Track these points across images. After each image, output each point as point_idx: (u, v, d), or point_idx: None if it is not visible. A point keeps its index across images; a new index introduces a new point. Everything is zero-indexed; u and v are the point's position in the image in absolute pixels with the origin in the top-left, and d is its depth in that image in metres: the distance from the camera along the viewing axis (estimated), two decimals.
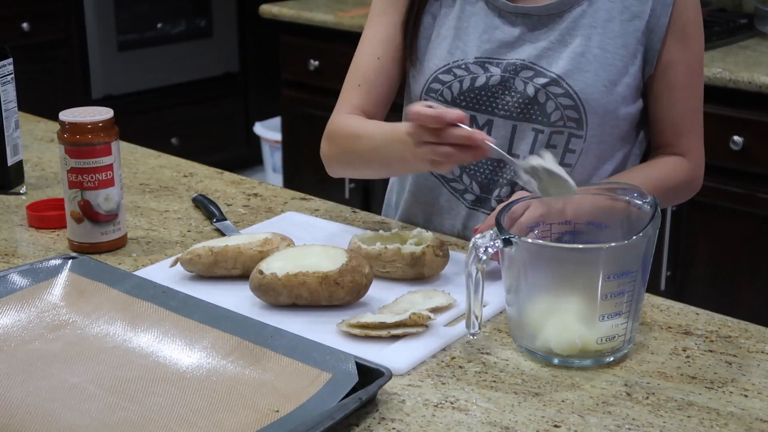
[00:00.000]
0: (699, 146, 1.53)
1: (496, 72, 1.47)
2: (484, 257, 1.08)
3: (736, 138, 2.46)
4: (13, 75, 1.71)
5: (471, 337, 1.14)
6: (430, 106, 1.24)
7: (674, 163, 1.51)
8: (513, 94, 1.46)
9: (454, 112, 1.21)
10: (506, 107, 1.47)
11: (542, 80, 1.44)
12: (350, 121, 1.52)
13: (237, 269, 1.31)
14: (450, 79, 1.50)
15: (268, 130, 4.21)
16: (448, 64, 1.50)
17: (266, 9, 3.46)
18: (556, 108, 1.44)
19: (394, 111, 1.59)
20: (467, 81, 1.49)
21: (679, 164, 1.51)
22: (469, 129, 1.21)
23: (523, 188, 1.45)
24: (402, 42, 1.54)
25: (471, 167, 1.52)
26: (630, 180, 1.42)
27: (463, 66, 1.49)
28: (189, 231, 1.52)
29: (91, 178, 1.39)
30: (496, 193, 1.51)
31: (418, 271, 1.31)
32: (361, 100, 1.54)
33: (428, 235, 1.34)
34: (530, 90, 1.45)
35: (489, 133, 1.48)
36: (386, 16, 1.55)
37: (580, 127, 1.45)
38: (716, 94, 2.47)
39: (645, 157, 1.56)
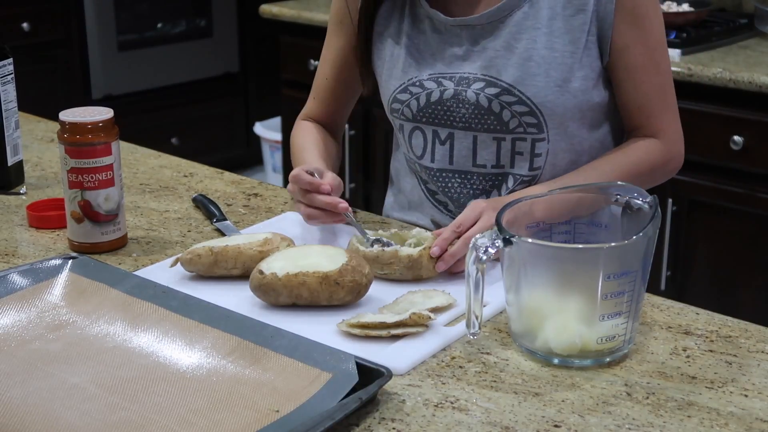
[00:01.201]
0: (672, 125, 1.50)
1: (449, 86, 1.48)
2: (484, 257, 1.08)
3: (736, 138, 2.46)
4: (13, 75, 1.71)
5: (471, 337, 1.14)
6: (311, 173, 1.41)
7: (646, 146, 1.48)
8: (467, 106, 1.47)
9: (327, 184, 1.39)
10: (463, 119, 1.48)
11: (494, 90, 1.44)
12: (299, 131, 1.69)
13: (237, 269, 1.31)
14: (407, 98, 1.51)
15: (268, 130, 4.21)
16: (404, 83, 1.51)
17: (266, 9, 3.46)
18: (512, 116, 1.44)
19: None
20: (423, 97, 1.50)
21: (652, 146, 1.48)
22: (334, 198, 1.38)
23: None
24: (347, 64, 1.62)
25: (441, 183, 1.53)
26: (600, 169, 1.43)
27: (417, 83, 1.50)
28: (189, 231, 1.52)
29: (91, 178, 1.39)
30: None
31: (416, 274, 1.30)
32: (315, 110, 1.70)
33: (427, 235, 1.34)
34: (483, 100, 1.45)
35: (452, 145, 1.50)
36: (334, 38, 1.64)
37: (540, 130, 1.45)
38: (716, 94, 2.47)
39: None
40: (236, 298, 1.25)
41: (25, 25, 3.85)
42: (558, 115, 1.44)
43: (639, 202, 1.16)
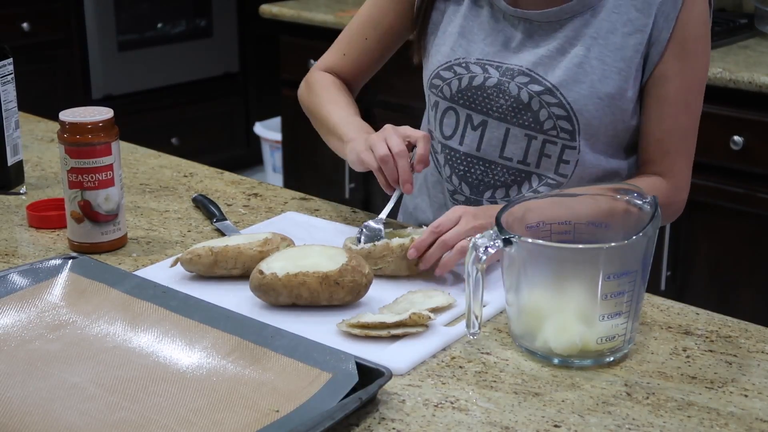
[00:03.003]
0: (684, 169, 1.48)
1: (494, 74, 1.48)
2: (484, 257, 1.08)
3: (736, 138, 2.46)
4: (13, 75, 1.71)
5: (471, 337, 1.14)
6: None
7: (651, 182, 1.44)
8: (507, 97, 1.47)
9: (410, 183, 1.37)
10: (500, 110, 1.48)
11: (537, 88, 1.44)
12: (326, 84, 1.62)
13: (237, 269, 1.31)
14: (450, 76, 1.51)
15: (268, 130, 4.21)
16: (450, 61, 1.51)
17: (266, 9, 3.46)
18: (548, 117, 1.44)
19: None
20: (465, 79, 1.49)
21: (657, 185, 1.44)
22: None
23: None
24: (392, 29, 1.60)
25: (461, 169, 1.52)
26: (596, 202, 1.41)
27: (463, 64, 1.50)
28: (189, 231, 1.52)
29: (91, 178, 1.39)
30: (488, 194, 1.51)
31: (410, 265, 1.30)
32: (341, 66, 1.65)
33: (421, 230, 1.34)
34: (524, 96, 1.45)
35: (483, 133, 1.49)
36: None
37: (573, 138, 1.44)
38: (716, 94, 2.47)
39: None
40: (236, 298, 1.25)
41: (25, 25, 3.85)
42: (593, 127, 1.43)
43: (639, 202, 1.16)
